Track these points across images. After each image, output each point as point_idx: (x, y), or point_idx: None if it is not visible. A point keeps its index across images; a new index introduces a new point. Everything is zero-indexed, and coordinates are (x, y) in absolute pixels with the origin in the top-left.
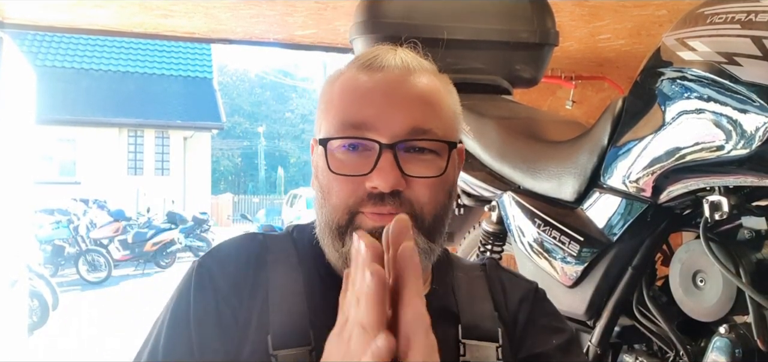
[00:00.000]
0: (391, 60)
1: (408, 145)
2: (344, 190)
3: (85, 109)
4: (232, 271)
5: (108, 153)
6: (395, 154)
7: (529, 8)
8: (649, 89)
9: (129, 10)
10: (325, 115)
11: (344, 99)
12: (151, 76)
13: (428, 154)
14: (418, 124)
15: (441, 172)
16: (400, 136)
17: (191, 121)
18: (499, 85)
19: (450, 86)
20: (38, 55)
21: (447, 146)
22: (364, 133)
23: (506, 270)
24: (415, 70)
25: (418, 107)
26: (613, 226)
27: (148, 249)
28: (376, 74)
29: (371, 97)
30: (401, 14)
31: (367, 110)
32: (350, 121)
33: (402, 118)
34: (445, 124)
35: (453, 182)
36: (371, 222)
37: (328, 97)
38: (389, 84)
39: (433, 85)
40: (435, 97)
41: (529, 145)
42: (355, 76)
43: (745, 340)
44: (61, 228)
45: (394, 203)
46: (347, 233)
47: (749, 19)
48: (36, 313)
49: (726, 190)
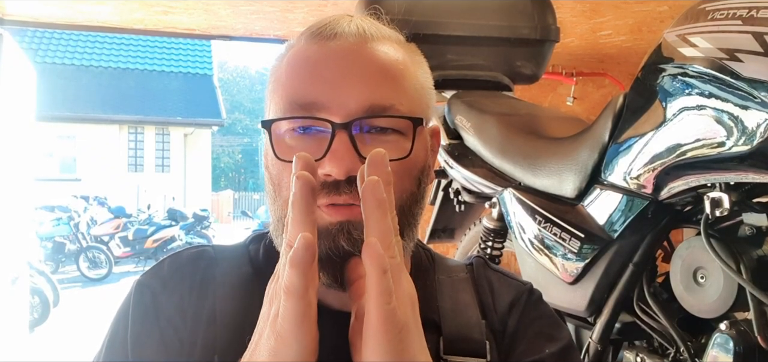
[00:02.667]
0: (345, 27)
1: (366, 124)
2: None
3: (86, 106)
4: (176, 290)
5: (108, 150)
6: (351, 134)
7: (529, 4)
8: (650, 85)
9: (129, 6)
10: (273, 96)
11: (291, 75)
12: (151, 72)
13: (391, 134)
14: (377, 99)
15: (405, 154)
16: (355, 114)
17: (192, 118)
18: (500, 82)
19: (417, 56)
20: (38, 51)
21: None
22: (313, 113)
23: (496, 269)
24: (374, 37)
25: (376, 80)
26: (614, 223)
27: (149, 246)
28: (328, 44)
29: (322, 71)
30: (402, 11)
31: (317, 86)
32: (298, 100)
33: (358, 94)
34: (411, 98)
35: (423, 167)
36: (327, 217)
37: (276, 75)
38: (342, 54)
39: (396, 55)
40: (397, 68)
41: (530, 141)
42: (304, 48)
43: (746, 337)
44: (61, 225)
45: (351, 192)
46: None
47: (750, 15)
48: (37, 310)
49: (727, 187)
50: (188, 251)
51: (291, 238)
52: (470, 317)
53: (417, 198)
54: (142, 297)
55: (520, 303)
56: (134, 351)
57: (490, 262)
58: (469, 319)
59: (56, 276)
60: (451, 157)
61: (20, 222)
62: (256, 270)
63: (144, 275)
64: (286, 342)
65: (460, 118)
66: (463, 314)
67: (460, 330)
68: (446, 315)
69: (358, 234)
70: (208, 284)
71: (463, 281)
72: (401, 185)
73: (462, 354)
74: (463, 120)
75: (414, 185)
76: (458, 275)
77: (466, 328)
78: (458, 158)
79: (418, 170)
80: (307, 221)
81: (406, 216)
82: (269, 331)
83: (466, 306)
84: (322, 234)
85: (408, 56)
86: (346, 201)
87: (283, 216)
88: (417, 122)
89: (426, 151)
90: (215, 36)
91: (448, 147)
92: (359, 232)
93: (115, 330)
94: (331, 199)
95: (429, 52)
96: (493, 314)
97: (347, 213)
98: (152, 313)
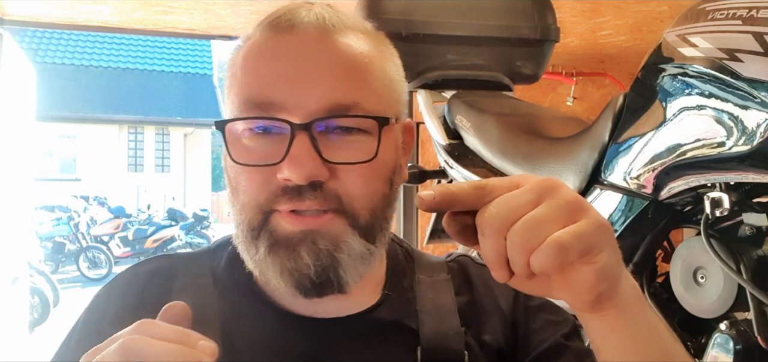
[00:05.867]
0: (304, 16)
1: (328, 125)
2: (253, 184)
3: (86, 106)
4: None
5: (108, 150)
6: (312, 136)
7: (529, 4)
8: (650, 85)
9: (129, 6)
10: (229, 93)
11: (247, 71)
12: (151, 72)
13: (357, 134)
14: (339, 97)
15: (371, 156)
16: (316, 114)
17: (191, 118)
18: (500, 82)
19: (385, 47)
20: (38, 51)
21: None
22: (271, 114)
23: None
24: (336, 28)
25: (338, 76)
26: (614, 223)
27: (149, 246)
28: (286, 37)
29: (279, 67)
30: (401, 10)
31: (275, 84)
32: (254, 98)
33: (318, 92)
34: (377, 95)
35: (393, 167)
36: (288, 225)
37: (232, 70)
38: (302, 48)
39: (360, 47)
40: (362, 62)
41: (530, 141)
42: (260, 41)
43: (746, 337)
44: (61, 225)
45: (315, 198)
46: (260, 238)
47: (751, 15)
48: (37, 310)
49: (727, 187)
50: (145, 266)
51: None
52: (450, 325)
53: (389, 199)
54: (94, 311)
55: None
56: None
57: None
58: (449, 328)
59: (56, 276)
60: (451, 157)
61: (20, 222)
62: (216, 280)
63: (101, 290)
64: None
65: (460, 118)
66: (443, 321)
67: (439, 339)
68: (425, 321)
69: (324, 244)
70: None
71: (443, 283)
72: (370, 188)
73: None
74: (463, 120)
75: (384, 186)
76: (439, 276)
77: (445, 338)
78: (458, 158)
79: (388, 171)
80: None
81: (377, 219)
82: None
83: (447, 311)
84: (282, 244)
85: (374, 48)
86: (309, 208)
87: (242, 222)
88: (382, 122)
89: (396, 150)
90: (215, 36)
91: (448, 147)
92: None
93: (68, 338)
94: (293, 205)
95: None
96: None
97: (311, 222)
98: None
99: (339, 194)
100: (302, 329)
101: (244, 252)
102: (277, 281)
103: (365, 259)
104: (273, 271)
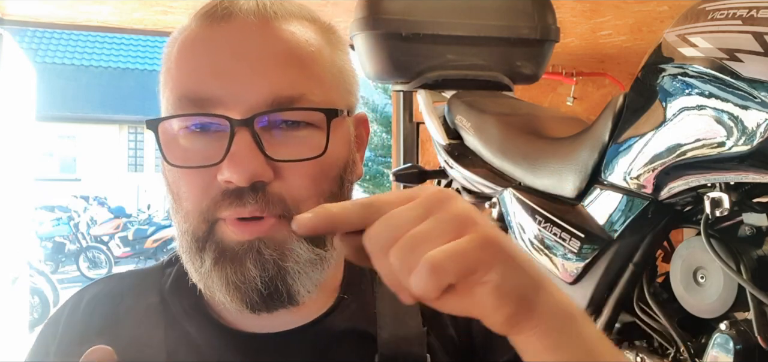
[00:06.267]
0: (242, 4)
1: (273, 120)
2: (194, 189)
3: (86, 106)
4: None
5: (108, 150)
6: (254, 132)
7: (529, 4)
8: (650, 85)
9: (129, 6)
10: (164, 90)
11: (181, 65)
12: (152, 72)
13: (304, 128)
14: (282, 90)
15: (320, 152)
16: (257, 108)
17: None
18: (500, 82)
19: (334, 36)
20: (38, 51)
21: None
22: (208, 110)
23: None
24: (277, 14)
25: (281, 66)
26: (614, 223)
27: (149, 246)
28: (222, 26)
29: (215, 59)
30: (401, 10)
31: (211, 77)
32: (189, 94)
33: (259, 84)
34: (325, 86)
35: (345, 163)
36: (234, 235)
37: (166, 66)
38: (239, 38)
39: (305, 35)
40: (307, 51)
41: (530, 141)
42: (195, 32)
43: (746, 337)
44: (61, 225)
45: (258, 202)
46: (205, 249)
47: (751, 15)
48: (37, 310)
49: (727, 187)
50: (90, 291)
51: None
52: (411, 327)
53: (339, 199)
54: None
55: None
56: None
57: None
58: (409, 330)
59: (56, 276)
60: (451, 157)
61: (20, 222)
62: (163, 299)
63: (52, 316)
64: None
65: (460, 118)
66: (403, 323)
67: (398, 343)
68: (384, 324)
69: (270, 253)
70: (109, 326)
71: None
72: (318, 188)
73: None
74: (463, 120)
75: (334, 185)
76: None
77: (405, 341)
78: (458, 158)
79: (338, 168)
80: None
81: None
82: None
83: (407, 313)
84: (227, 255)
85: (321, 36)
86: (252, 213)
87: (186, 231)
88: (331, 114)
89: (348, 144)
90: None
91: (448, 147)
92: (271, 250)
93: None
94: (235, 212)
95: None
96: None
97: (255, 229)
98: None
99: (283, 197)
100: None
101: (188, 263)
102: (223, 296)
103: (316, 265)
104: (218, 285)
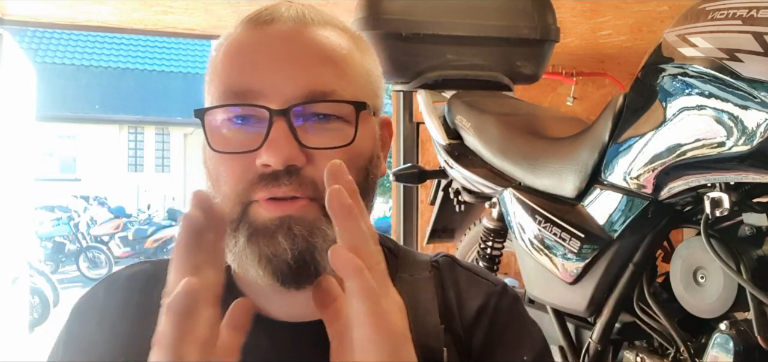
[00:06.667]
0: (283, 11)
1: (307, 112)
2: (233, 174)
3: (86, 106)
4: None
5: (108, 150)
6: (289, 121)
7: (529, 4)
8: (650, 85)
9: (129, 6)
10: (209, 87)
11: (227, 63)
12: (151, 72)
13: (335, 121)
14: (317, 85)
15: (349, 141)
16: (294, 100)
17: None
18: (500, 82)
19: (363, 44)
20: (38, 51)
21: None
22: (250, 101)
23: (466, 267)
24: (314, 21)
25: (317, 65)
26: (614, 223)
27: (149, 246)
28: (265, 29)
29: (258, 57)
30: (402, 10)
31: (253, 73)
32: (234, 88)
33: (296, 79)
34: (355, 85)
35: (369, 157)
36: (266, 213)
37: (212, 66)
38: (280, 39)
39: (338, 40)
40: (339, 53)
41: (530, 141)
42: (239, 35)
43: (746, 337)
44: (61, 225)
45: (291, 184)
46: (239, 230)
47: (751, 15)
48: (37, 310)
49: (727, 187)
50: (126, 272)
51: (170, 286)
52: (428, 322)
53: (365, 190)
54: (78, 323)
55: (489, 308)
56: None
57: (459, 260)
58: (427, 324)
59: (56, 276)
60: (451, 157)
61: (20, 222)
62: None
63: (80, 300)
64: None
65: (460, 118)
66: (421, 318)
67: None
68: None
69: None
70: (145, 305)
71: (425, 281)
72: None
73: None
74: (463, 120)
75: (360, 175)
76: (421, 274)
77: (423, 334)
78: (458, 158)
79: (364, 160)
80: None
81: None
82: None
83: (425, 310)
84: (260, 232)
85: (352, 42)
86: (285, 194)
87: None
88: (359, 107)
89: (373, 141)
90: (215, 36)
91: (448, 147)
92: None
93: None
94: (270, 192)
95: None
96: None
97: (287, 207)
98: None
99: (315, 180)
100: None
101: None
102: (255, 271)
103: None
104: (251, 260)
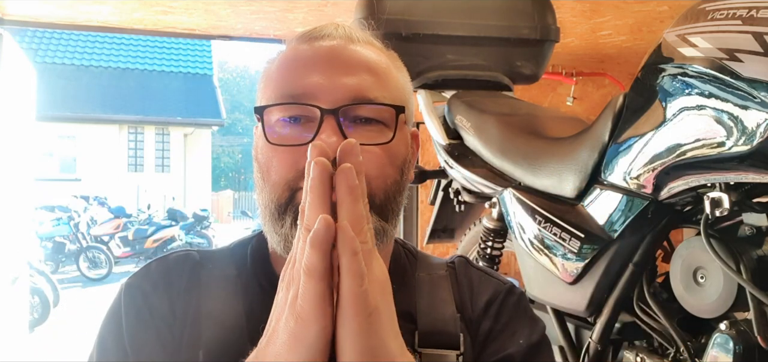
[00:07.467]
0: (332, 30)
1: (351, 114)
2: (284, 164)
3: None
4: (166, 291)
5: (108, 150)
6: (338, 120)
7: (529, 4)
8: (650, 85)
9: (129, 6)
10: (265, 90)
11: (283, 71)
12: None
13: (375, 125)
14: (361, 90)
15: (389, 139)
16: (342, 102)
17: (191, 118)
18: (500, 82)
19: (399, 63)
20: (38, 51)
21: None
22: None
23: (478, 268)
24: (359, 39)
25: (362, 74)
26: (614, 223)
27: (149, 246)
28: (317, 43)
29: (311, 66)
30: (402, 10)
31: (308, 78)
32: (289, 91)
33: (344, 85)
34: (393, 94)
35: (405, 159)
36: None
37: (267, 75)
38: (330, 52)
39: (379, 56)
40: (380, 66)
41: (530, 141)
42: (294, 48)
43: (746, 337)
44: (61, 225)
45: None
46: (287, 212)
47: (750, 15)
48: (37, 310)
49: (727, 187)
50: (174, 254)
51: (309, 222)
52: (446, 312)
53: (400, 187)
54: (134, 298)
55: (496, 302)
56: (133, 350)
57: (472, 261)
58: (445, 314)
59: (56, 276)
60: (451, 157)
61: (20, 222)
62: (240, 272)
63: (133, 277)
64: (306, 324)
65: (460, 118)
66: (439, 309)
67: (435, 324)
68: (423, 310)
69: None
70: (193, 285)
71: (442, 278)
72: (385, 172)
73: (436, 347)
74: (463, 120)
75: (397, 173)
76: (438, 272)
77: (442, 322)
78: (458, 158)
79: (400, 159)
80: (325, 204)
81: (390, 203)
82: (288, 314)
83: (443, 301)
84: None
85: (390, 60)
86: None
87: (270, 201)
88: (399, 110)
89: (406, 146)
90: (215, 36)
91: (448, 147)
92: None
93: (107, 332)
94: None
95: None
96: (469, 311)
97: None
98: (146, 313)
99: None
100: None
101: (269, 231)
102: None
103: (379, 235)
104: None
